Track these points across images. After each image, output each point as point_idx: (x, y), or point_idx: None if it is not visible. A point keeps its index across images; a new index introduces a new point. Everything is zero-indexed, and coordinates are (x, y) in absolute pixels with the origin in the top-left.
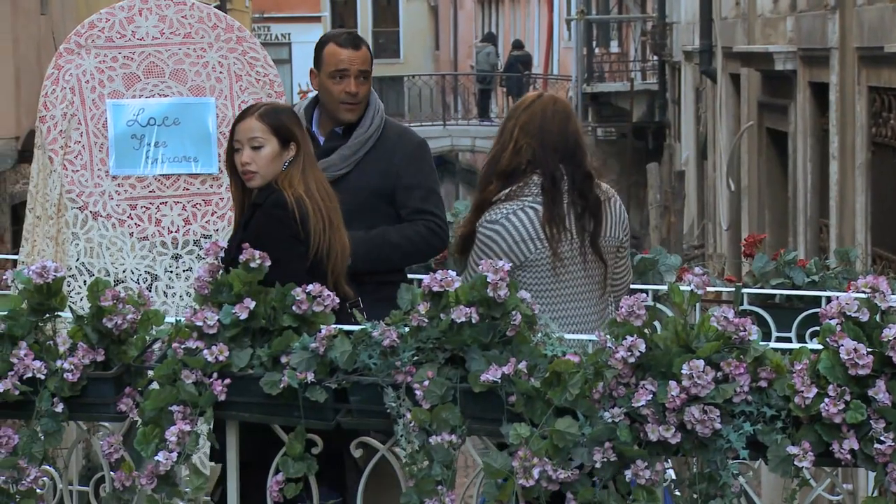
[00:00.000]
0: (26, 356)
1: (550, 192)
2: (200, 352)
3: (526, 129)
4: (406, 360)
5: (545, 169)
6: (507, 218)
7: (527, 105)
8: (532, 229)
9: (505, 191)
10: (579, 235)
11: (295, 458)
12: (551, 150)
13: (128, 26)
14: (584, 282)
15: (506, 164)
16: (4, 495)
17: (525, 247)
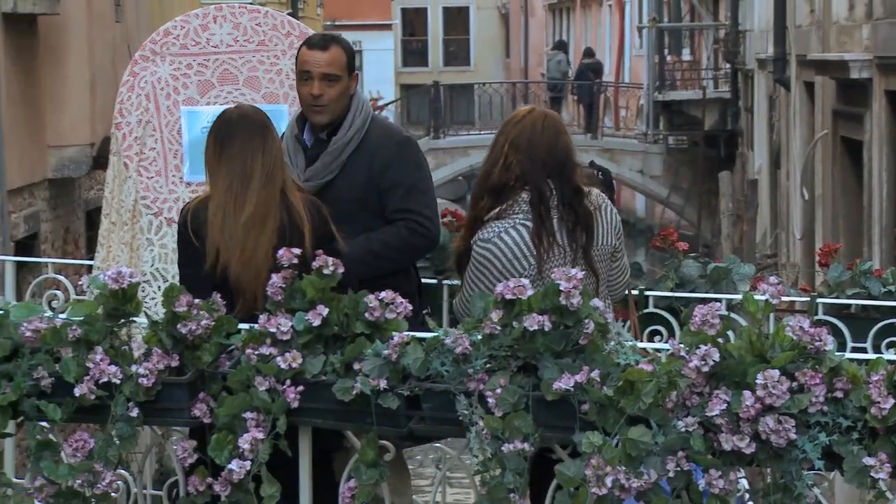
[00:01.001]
0: (102, 361)
1: (538, 208)
2: (274, 358)
3: (515, 145)
4: (479, 368)
5: (533, 185)
6: (500, 237)
7: (517, 121)
8: (523, 247)
9: (496, 209)
10: (571, 249)
11: (368, 464)
12: (540, 165)
13: (202, 34)
14: None
15: (496, 180)
16: (80, 499)
17: (518, 264)
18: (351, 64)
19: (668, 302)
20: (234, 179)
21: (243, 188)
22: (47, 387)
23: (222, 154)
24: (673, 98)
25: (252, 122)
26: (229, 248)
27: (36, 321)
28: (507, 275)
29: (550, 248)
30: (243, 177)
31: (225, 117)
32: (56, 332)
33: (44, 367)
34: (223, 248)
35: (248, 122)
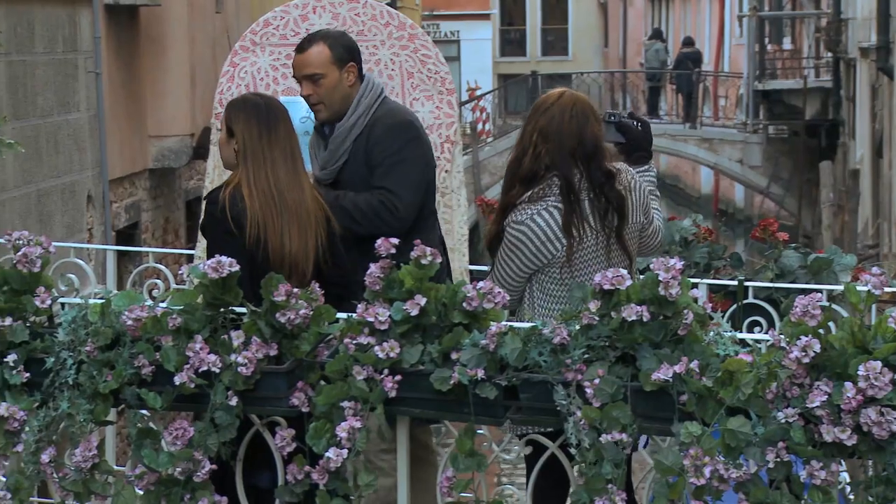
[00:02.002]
0: (202, 350)
1: (567, 195)
2: (372, 348)
3: (544, 134)
4: (577, 358)
5: (562, 174)
6: (532, 219)
7: (546, 108)
8: (556, 228)
9: (528, 193)
10: (604, 232)
11: (465, 454)
12: (569, 154)
13: (301, 24)
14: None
15: (526, 169)
16: (180, 486)
17: (551, 245)
18: (340, 56)
19: (769, 292)
20: (287, 160)
21: (295, 169)
22: (148, 375)
23: (270, 137)
24: (773, 87)
25: (282, 107)
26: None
27: (137, 310)
28: (538, 256)
29: (582, 233)
30: (293, 158)
31: (255, 103)
32: (157, 320)
33: (144, 356)
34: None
35: (281, 107)
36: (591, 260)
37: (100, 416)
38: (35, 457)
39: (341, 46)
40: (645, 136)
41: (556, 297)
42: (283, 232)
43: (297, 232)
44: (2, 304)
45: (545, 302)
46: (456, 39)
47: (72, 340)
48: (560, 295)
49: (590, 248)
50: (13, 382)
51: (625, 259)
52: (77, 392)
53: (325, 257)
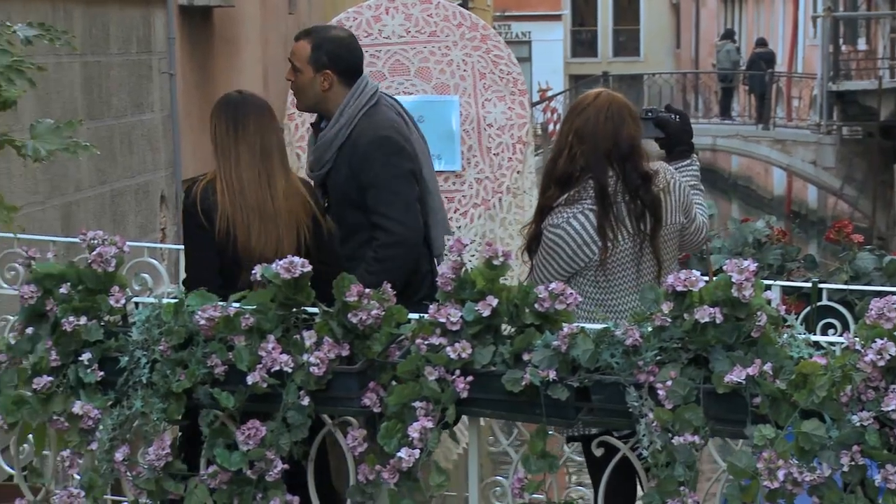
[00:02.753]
0: (274, 350)
1: (601, 198)
2: (443, 348)
3: (580, 135)
4: (649, 360)
5: (596, 175)
6: (568, 222)
7: (582, 109)
8: (592, 231)
9: (563, 196)
10: (638, 235)
11: (537, 455)
12: (604, 155)
13: (374, 25)
14: (635, 278)
15: (561, 170)
16: (252, 486)
17: (587, 249)
18: (318, 59)
19: (843, 295)
20: (255, 156)
21: (266, 163)
22: (220, 374)
23: (237, 133)
24: (847, 88)
25: (258, 102)
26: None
27: (210, 309)
28: (576, 259)
29: (617, 236)
30: (263, 153)
31: (230, 99)
32: (229, 320)
33: (217, 356)
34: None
35: (256, 102)
36: (625, 263)
37: (173, 414)
38: (109, 455)
39: (325, 52)
40: (684, 130)
41: (593, 298)
42: (248, 227)
43: (261, 228)
44: (77, 303)
45: (582, 303)
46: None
47: (145, 339)
48: (596, 297)
49: (625, 251)
50: (88, 381)
51: (655, 263)
52: (150, 391)
53: (310, 255)
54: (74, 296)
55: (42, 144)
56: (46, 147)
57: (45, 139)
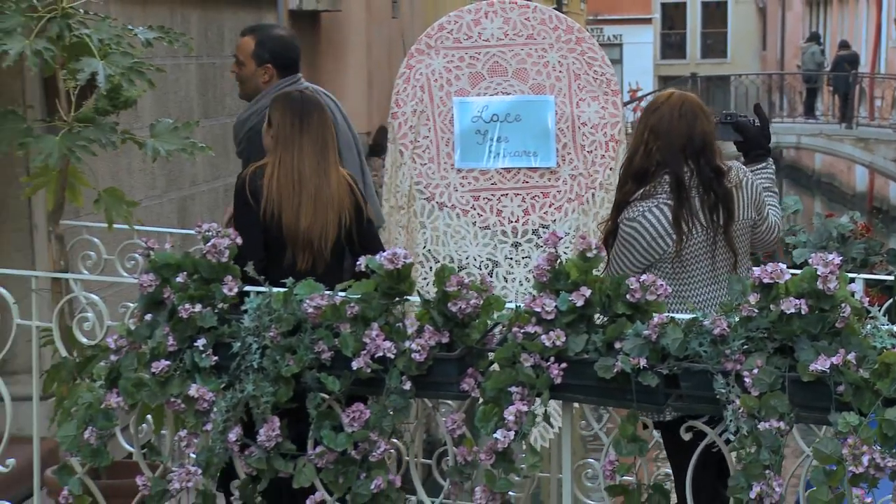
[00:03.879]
0: (377, 337)
1: (677, 192)
2: (538, 336)
3: (656, 132)
4: (736, 349)
5: (672, 169)
6: (644, 216)
7: (656, 107)
8: (666, 225)
9: (640, 190)
10: (712, 228)
11: (628, 439)
12: (679, 150)
13: (474, 28)
14: (710, 270)
15: (638, 166)
16: (357, 465)
17: (662, 241)
18: (260, 55)
19: None
20: (316, 148)
21: (324, 155)
22: (327, 360)
23: (302, 126)
24: None
25: (318, 101)
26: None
27: (317, 298)
28: (650, 251)
29: (692, 228)
30: (322, 146)
31: (293, 97)
32: (336, 309)
33: (324, 342)
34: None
35: (316, 101)
36: (700, 255)
37: (282, 398)
38: (223, 435)
39: (266, 49)
40: (763, 134)
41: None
42: (298, 210)
43: (312, 211)
44: (192, 291)
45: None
46: (619, 43)
47: (256, 326)
48: (672, 289)
49: (699, 243)
50: (203, 365)
51: (730, 255)
52: (261, 375)
53: (352, 239)
54: (190, 284)
55: (161, 144)
56: (165, 147)
57: (164, 139)
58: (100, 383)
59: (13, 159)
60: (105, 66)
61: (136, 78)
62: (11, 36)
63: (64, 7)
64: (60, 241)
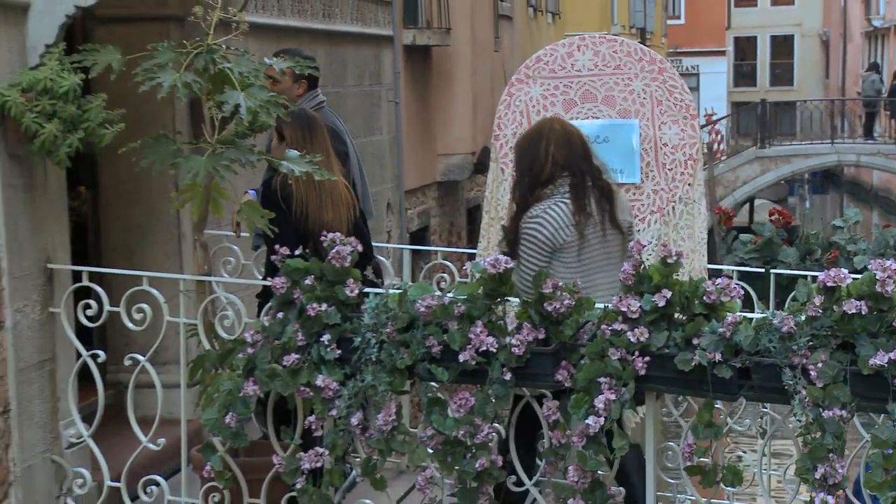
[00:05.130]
0: (481, 333)
1: (579, 187)
2: (625, 333)
3: (558, 145)
4: (802, 345)
5: (576, 170)
6: (546, 212)
7: (550, 129)
8: (566, 218)
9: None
10: (600, 217)
11: (704, 425)
12: (579, 155)
13: (567, 60)
14: (603, 257)
15: (548, 174)
16: (463, 447)
17: (563, 232)
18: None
19: None
20: (323, 155)
21: (329, 161)
22: (437, 353)
23: (312, 137)
24: None
25: (317, 117)
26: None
27: (428, 299)
28: (554, 240)
29: (584, 216)
30: (328, 153)
31: (301, 114)
32: (444, 308)
33: (434, 337)
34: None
35: (316, 117)
36: (594, 243)
37: (398, 386)
38: (346, 420)
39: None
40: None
41: (568, 278)
42: (320, 205)
43: (331, 205)
44: (319, 292)
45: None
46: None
47: (375, 323)
48: (569, 278)
49: (593, 233)
50: (328, 358)
51: (618, 240)
52: (379, 367)
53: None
54: (317, 286)
55: (295, 166)
56: (299, 169)
57: (296, 163)
58: (238, 373)
59: (165, 177)
60: (246, 99)
61: (272, 109)
62: (164, 70)
63: (209, 43)
64: (204, 248)
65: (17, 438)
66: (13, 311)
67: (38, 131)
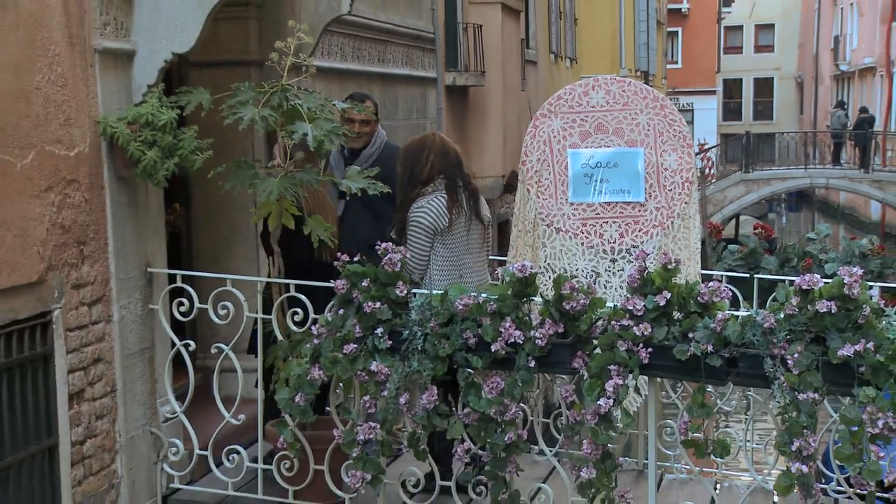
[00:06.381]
0: (510, 327)
1: (452, 188)
2: (631, 328)
3: (437, 154)
4: (781, 338)
5: (450, 175)
6: (429, 203)
7: (432, 141)
8: (443, 209)
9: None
10: (468, 211)
11: (697, 406)
12: (454, 164)
13: (583, 98)
14: (468, 242)
15: (426, 175)
16: (494, 423)
17: (442, 219)
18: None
19: None
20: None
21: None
22: (472, 344)
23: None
24: None
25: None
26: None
27: (465, 298)
28: (435, 225)
29: (458, 211)
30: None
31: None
32: (479, 306)
33: (470, 331)
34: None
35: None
36: (461, 231)
37: (439, 372)
38: (395, 400)
39: (377, 109)
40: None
41: (444, 257)
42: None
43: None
44: (374, 293)
45: (439, 261)
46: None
47: (420, 319)
48: (446, 255)
49: (461, 223)
50: (381, 347)
51: (480, 230)
52: (423, 355)
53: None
54: (372, 288)
55: (352, 183)
56: (356, 186)
57: (353, 180)
58: (306, 360)
59: (245, 195)
60: (313, 129)
61: (334, 138)
62: (245, 106)
63: (283, 84)
64: (279, 255)
65: (122, 414)
66: (119, 308)
67: (140, 158)
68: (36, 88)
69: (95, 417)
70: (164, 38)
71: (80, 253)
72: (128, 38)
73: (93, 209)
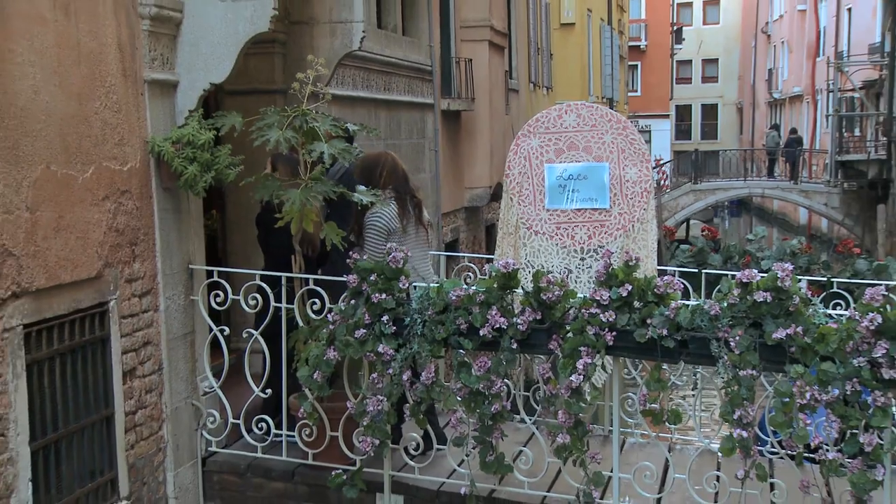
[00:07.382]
0: (496, 314)
1: (401, 198)
2: (598, 315)
3: (389, 170)
4: (725, 324)
5: (398, 188)
6: (382, 209)
7: (385, 158)
8: (394, 215)
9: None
10: (414, 217)
11: (654, 381)
12: (402, 179)
13: (557, 120)
14: (417, 242)
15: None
16: (482, 396)
17: (393, 222)
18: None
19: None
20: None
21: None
22: (464, 329)
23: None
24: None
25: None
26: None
27: (458, 290)
28: (387, 227)
29: (408, 217)
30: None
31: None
32: (470, 297)
33: (462, 318)
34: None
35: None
36: (410, 233)
37: (436, 353)
38: (399, 377)
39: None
40: None
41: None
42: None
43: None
44: (380, 286)
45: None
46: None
47: (420, 308)
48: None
49: (411, 227)
50: (386, 332)
51: (425, 233)
52: (422, 339)
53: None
54: (379, 281)
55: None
56: (365, 199)
57: (364, 194)
58: (323, 343)
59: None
60: (328, 148)
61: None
62: (271, 128)
63: (303, 109)
64: (300, 254)
65: (168, 388)
66: (165, 298)
67: (183, 171)
68: (95, 113)
69: (145, 391)
70: (203, 71)
71: (132, 252)
72: (172, 70)
73: (143, 215)
